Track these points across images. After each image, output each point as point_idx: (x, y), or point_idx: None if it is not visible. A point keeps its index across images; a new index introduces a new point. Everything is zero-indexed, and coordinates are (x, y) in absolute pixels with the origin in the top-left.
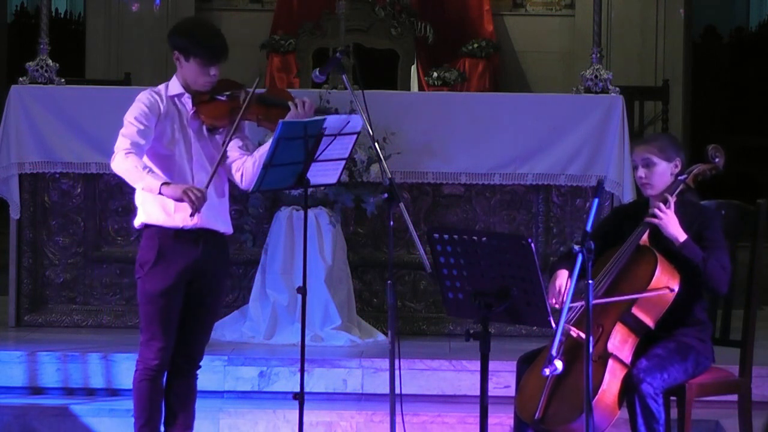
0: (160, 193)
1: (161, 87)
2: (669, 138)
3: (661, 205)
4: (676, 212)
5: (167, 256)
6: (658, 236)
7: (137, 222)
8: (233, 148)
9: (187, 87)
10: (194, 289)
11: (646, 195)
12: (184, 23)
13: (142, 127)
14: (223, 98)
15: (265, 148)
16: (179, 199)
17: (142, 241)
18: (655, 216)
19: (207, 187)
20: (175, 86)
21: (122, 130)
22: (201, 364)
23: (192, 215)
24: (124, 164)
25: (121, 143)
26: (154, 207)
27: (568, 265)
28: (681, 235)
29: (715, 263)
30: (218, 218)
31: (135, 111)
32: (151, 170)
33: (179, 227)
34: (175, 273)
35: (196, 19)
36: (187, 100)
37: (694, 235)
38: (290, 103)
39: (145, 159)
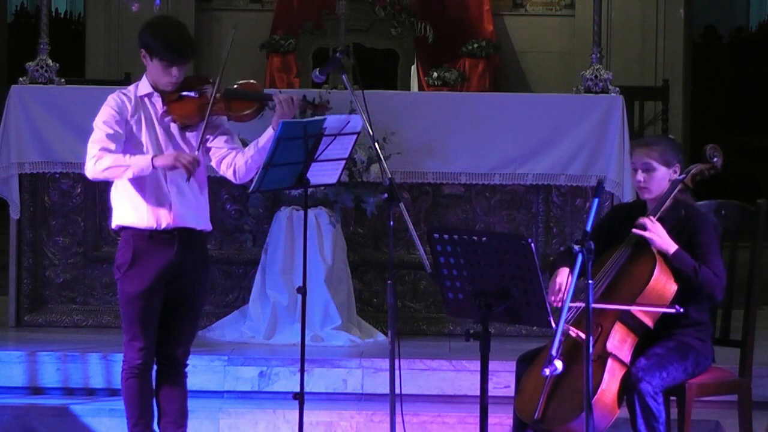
0: (153, 167)
1: (131, 87)
2: (669, 142)
3: (647, 220)
4: (669, 214)
5: (143, 257)
6: None
7: (113, 224)
8: (219, 143)
9: (155, 86)
10: (173, 289)
11: (643, 198)
12: (152, 22)
13: (111, 131)
14: (192, 95)
15: (260, 143)
16: (173, 167)
17: (119, 243)
18: (642, 228)
19: (198, 150)
20: (144, 86)
21: (92, 136)
22: (194, 364)
23: (188, 180)
24: (101, 164)
25: (91, 149)
26: (128, 209)
27: (568, 263)
28: (671, 247)
29: (707, 271)
30: (195, 215)
31: (103, 115)
32: (131, 154)
33: (153, 228)
34: (152, 274)
35: (164, 18)
36: (157, 99)
37: (685, 239)
38: (276, 102)
39: None
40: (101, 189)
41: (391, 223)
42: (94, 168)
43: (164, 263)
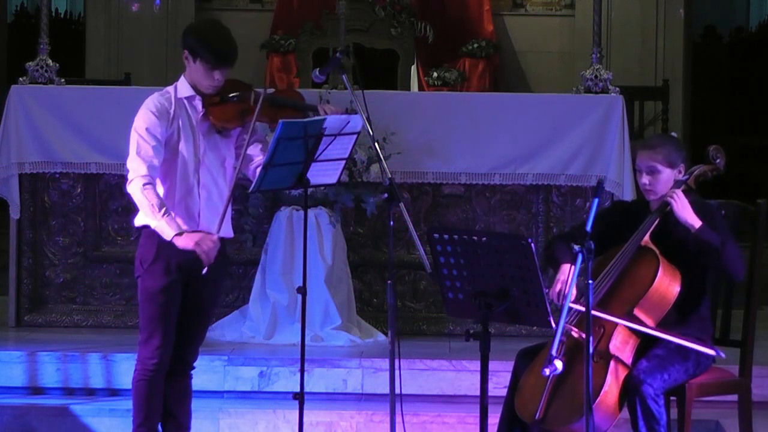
0: (171, 242)
1: (170, 89)
2: (673, 143)
3: (676, 190)
4: None
5: (167, 253)
6: (660, 237)
7: (138, 222)
8: (255, 150)
9: (195, 88)
10: (191, 291)
11: (648, 199)
12: (198, 24)
13: (154, 143)
14: (233, 100)
15: None
16: (191, 251)
17: (142, 239)
18: (668, 204)
19: (218, 231)
20: (184, 88)
21: (136, 148)
22: (195, 364)
23: (203, 269)
24: (140, 196)
25: (138, 167)
26: None
27: (569, 255)
28: (696, 221)
29: (733, 246)
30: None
31: (146, 121)
32: (167, 213)
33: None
34: (175, 270)
35: (211, 21)
36: (198, 102)
37: None
38: (319, 108)
39: None
40: (101, 189)
41: (391, 223)
42: (138, 191)
43: (188, 260)
